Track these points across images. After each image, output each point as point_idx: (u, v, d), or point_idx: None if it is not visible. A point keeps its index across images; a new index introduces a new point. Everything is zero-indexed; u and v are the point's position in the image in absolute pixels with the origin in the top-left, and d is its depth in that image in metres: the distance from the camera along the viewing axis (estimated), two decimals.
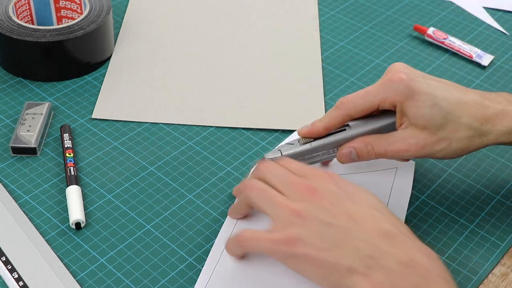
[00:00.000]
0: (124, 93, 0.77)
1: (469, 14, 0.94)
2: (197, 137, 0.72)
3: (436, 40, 0.87)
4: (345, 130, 0.63)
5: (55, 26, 0.77)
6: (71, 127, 0.72)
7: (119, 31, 0.87)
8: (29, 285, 0.56)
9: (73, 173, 0.66)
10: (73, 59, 0.77)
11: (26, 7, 0.82)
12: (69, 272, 0.58)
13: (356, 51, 0.86)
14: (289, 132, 0.73)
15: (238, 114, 0.75)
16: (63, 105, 0.75)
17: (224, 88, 0.79)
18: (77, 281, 0.58)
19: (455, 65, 0.84)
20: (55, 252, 0.60)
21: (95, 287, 0.57)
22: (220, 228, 0.63)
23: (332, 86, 0.80)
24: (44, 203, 0.64)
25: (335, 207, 0.53)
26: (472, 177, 0.69)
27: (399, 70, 0.61)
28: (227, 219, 0.63)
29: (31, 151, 0.69)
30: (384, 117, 0.63)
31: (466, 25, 0.92)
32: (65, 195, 0.65)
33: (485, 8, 0.95)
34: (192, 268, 0.59)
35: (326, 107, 0.77)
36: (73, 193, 0.64)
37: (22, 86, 0.78)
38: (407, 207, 0.65)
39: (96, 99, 0.76)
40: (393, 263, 0.50)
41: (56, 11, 0.83)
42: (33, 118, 0.71)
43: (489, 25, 0.92)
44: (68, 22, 0.82)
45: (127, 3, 0.92)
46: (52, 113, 0.74)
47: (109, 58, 0.82)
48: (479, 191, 0.68)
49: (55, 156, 0.69)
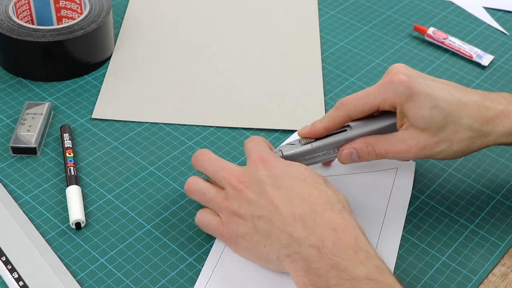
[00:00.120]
0: (124, 93, 0.77)
1: (469, 14, 0.94)
2: (197, 137, 0.72)
3: (436, 40, 0.87)
4: (346, 130, 0.63)
5: (55, 26, 0.77)
6: (71, 127, 0.72)
7: (119, 31, 0.87)
8: (29, 285, 0.56)
9: (73, 173, 0.66)
10: (73, 59, 0.77)
11: (26, 7, 0.81)
12: (69, 272, 0.58)
13: (356, 51, 0.86)
14: (289, 132, 0.73)
15: (238, 114, 0.75)
16: (63, 105, 0.75)
17: (224, 88, 0.79)
18: (77, 281, 0.58)
19: (455, 65, 0.84)
20: (55, 252, 0.60)
21: (95, 287, 0.57)
22: None
23: (332, 86, 0.80)
24: (44, 203, 0.64)
25: (260, 197, 0.56)
26: (472, 177, 0.69)
27: (399, 71, 0.61)
28: None
29: (31, 151, 0.69)
30: (385, 118, 0.63)
31: (466, 25, 0.92)
32: (65, 195, 0.65)
33: (485, 8, 0.95)
34: (192, 268, 0.59)
35: (326, 107, 0.77)
36: (73, 193, 0.64)
37: (22, 86, 0.78)
38: (407, 207, 0.65)
39: (96, 99, 0.76)
40: (306, 248, 0.53)
41: (56, 11, 0.83)
42: (33, 118, 0.71)
43: (489, 25, 0.92)
44: (68, 22, 0.82)
45: (127, 3, 0.92)
46: (52, 113, 0.74)
47: (109, 58, 0.82)
48: (479, 191, 0.68)
49: (55, 156, 0.69)
